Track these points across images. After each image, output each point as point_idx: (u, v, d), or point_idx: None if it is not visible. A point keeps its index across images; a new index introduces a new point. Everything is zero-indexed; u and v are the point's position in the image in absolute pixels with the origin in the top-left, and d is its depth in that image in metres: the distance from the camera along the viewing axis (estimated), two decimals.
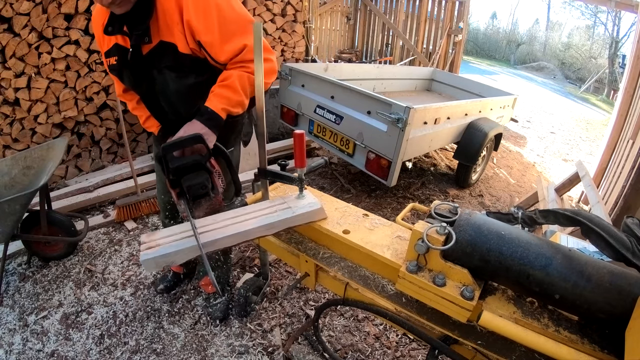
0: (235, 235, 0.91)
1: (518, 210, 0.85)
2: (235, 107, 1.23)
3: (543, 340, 0.65)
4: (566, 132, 7.13)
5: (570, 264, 0.66)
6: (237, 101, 1.22)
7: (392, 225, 1.01)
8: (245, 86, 1.23)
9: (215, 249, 0.89)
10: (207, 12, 1.15)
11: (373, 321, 1.91)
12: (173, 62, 1.21)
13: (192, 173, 1.05)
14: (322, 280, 1.18)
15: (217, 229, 0.91)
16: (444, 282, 0.73)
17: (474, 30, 22.46)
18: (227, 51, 1.20)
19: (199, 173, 1.06)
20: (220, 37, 1.18)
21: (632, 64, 3.38)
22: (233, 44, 1.19)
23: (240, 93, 1.22)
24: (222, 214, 0.98)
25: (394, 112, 2.43)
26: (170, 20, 1.16)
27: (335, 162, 3.85)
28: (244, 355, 1.68)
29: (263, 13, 3.91)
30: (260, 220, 0.95)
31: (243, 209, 1.02)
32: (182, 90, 1.29)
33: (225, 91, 1.20)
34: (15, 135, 2.65)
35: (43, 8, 2.48)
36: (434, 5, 6.52)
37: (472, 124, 3.30)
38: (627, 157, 2.79)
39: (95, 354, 1.64)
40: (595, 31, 19.34)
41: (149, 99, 1.37)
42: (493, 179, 4.09)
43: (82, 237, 2.20)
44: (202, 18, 1.15)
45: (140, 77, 1.28)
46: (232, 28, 1.19)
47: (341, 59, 7.28)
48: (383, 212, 3.05)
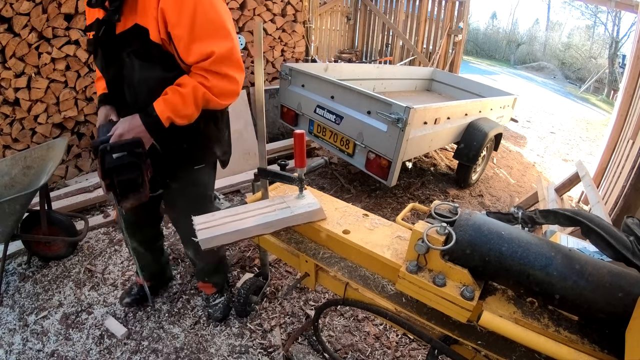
0: (234, 233, 0.92)
1: (518, 210, 0.85)
2: (181, 119, 1.19)
3: (543, 340, 0.65)
4: (566, 132, 7.13)
5: (570, 264, 0.66)
6: (185, 114, 1.18)
7: (392, 225, 1.01)
8: (198, 100, 1.17)
9: (214, 245, 0.90)
10: (183, 4, 1.08)
11: (373, 321, 1.91)
12: (142, 49, 1.14)
13: (125, 170, 1.10)
14: (322, 280, 1.18)
15: (215, 226, 0.92)
16: (444, 282, 0.73)
17: (474, 30, 22.45)
18: (195, 52, 1.13)
19: (131, 170, 1.11)
20: (190, 34, 1.10)
21: (632, 64, 3.38)
22: (202, 47, 1.12)
23: (191, 106, 1.17)
24: (221, 211, 0.98)
25: (394, 112, 2.43)
26: (148, 3, 1.10)
27: (335, 162, 3.85)
28: (244, 355, 1.68)
29: (263, 13, 3.91)
30: (258, 219, 0.96)
31: (243, 207, 1.03)
32: (148, 82, 1.20)
33: (177, 99, 1.15)
34: (15, 135, 2.65)
35: (43, 8, 2.48)
36: (434, 5, 6.52)
37: (472, 124, 3.30)
38: (627, 157, 2.79)
39: (95, 354, 1.64)
40: (595, 31, 19.34)
41: (114, 85, 1.28)
42: (493, 179, 4.09)
43: (82, 237, 2.20)
44: (177, 9, 1.08)
45: (110, 58, 1.22)
46: (205, 29, 1.12)
47: (341, 59, 7.28)
48: (383, 212, 3.05)
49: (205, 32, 1.12)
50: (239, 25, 3.82)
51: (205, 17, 1.11)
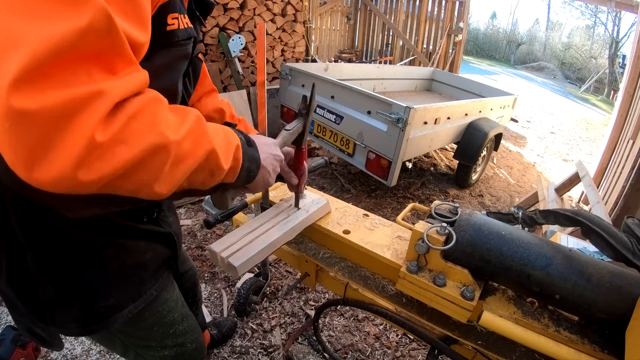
0: (265, 249, 0.87)
1: (518, 210, 0.85)
2: None
3: (543, 341, 0.65)
4: (566, 132, 7.13)
5: (570, 264, 0.66)
6: None
7: (392, 225, 1.01)
8: None
9: (250, 267, 0.84)
10: None
11: (373, 321, 1.91)
12: None
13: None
14: (322, 280, 1.18)
15: (242, 248, 0.85)
16: (444, 282, 0.73)
17: (474, 30, 22.46)
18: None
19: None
20: None
21: (632, 64, 3.38)
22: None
23: None
24: (235, 232, 0.91)
25: (394, 112, 2.43)
26: None
27: (335, 162, 3.85)
28: (244, 356, 1.68)
29: (263, 13, 3.91)
30: (281, 228, 0.92)
31: (254, 221, 0.96)
32: None
33: None
34: None
35: None
36: (434, 5, 6.53)
37: (472, 124, 3.30)
38: (627, 157, 2.79)
39: (95, 354, 1.64)
40: (595, 31, 19.35)
41: None
42: (493, 179, 4.09)
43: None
44: None
45: None
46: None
47: (341, 58, 7.29)
48: (383, 212, 3.05)
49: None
50: (239, 25, 3.82)
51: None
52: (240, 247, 0.84)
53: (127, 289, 0.75)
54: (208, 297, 1.99)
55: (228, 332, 1.73)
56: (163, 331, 0.90)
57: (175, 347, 0.94)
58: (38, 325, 0.71)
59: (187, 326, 0.96)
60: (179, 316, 0.93)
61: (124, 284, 0.74)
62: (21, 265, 0.64)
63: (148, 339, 0.89)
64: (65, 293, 0.68)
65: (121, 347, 0.88)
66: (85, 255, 0.67)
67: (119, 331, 0.83)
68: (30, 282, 0.66)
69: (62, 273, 0.66)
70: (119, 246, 0.71)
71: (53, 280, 0.66)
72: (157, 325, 0.87)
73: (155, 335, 0.89)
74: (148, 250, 0.78)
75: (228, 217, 1.09)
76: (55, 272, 0.66)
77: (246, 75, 4.12)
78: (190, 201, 2.80)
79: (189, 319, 0.99)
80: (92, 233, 0.66)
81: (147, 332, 0.87)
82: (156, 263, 0.81)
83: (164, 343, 0.92)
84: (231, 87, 4.06)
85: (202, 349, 1.07)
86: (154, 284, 0.81)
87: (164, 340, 0.91)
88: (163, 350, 0.92)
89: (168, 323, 0.90)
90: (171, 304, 0.89)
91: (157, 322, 0.87)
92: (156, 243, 0.80)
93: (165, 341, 0.92)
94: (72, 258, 0.66)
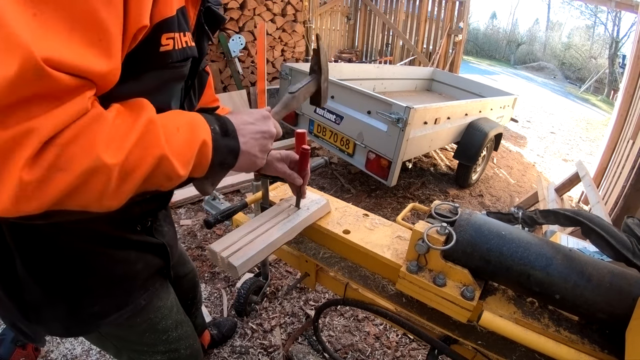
0: (265, 249, 0.87)
1: (518, 210, 0.85)
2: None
3: (543, 341, 0.65)
4: (566, 132, 7.13)
5: (570, 264, 0.66)
6: None
7: (392, 225, 1.01)
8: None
9: (250, 267, 0.84)
10: None
11: (373, 321, 1.91)
12: None
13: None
14: (322, 280, 1.18)
15: (242, 247, 0.85)
16: (444, 282, 0.73)
17: (474, 30, 22.47)
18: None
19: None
20: None
21: (632, 64, 3.38)
22: None
23: None
24: (235, 231, 0.91)
25: (394, 112, 2.43)
26: None
27: (335, 162, 3.85)
28: (244, 356, 1.68)
29: (263, 13, 3.91)
30: (281, 227, 0.92)
31: (254, 221, 0.96)
32: None
33: None
34: None
35: None
36: (434, 5, 6.53)
37: (472, 124, 3.30)
38: (627, 157, 2.79)
39: (95, 354, 1.64)
40: (595, 31, 19.35)
41: None
42: (493, 179, 4.09)
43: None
44: None
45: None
46: None
47: (341, 58, 7.29)
48: (383, 212, 3.05)
49: None
50: (239, 25, 3.82)
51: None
52: (240, 247, 0.84)
53: (114, 298, 0.75)
54: (208, 297, 1.99)
55: (228, 332, 1.73)
56: (156, 337, 0.89)
57: (168, 353, 0.94)
58: (22, 322, 0.72)
59: (181, 333, 0.96)
60: (173, 323, 0.92)
61: (111, 293, 0.74)
62: (9, 268, 0.65)
63: (140, 344, 0.89)
64: (51, 297, 0.68)
65: (114, 349, 0.88)
66: (73, 263, 0.67)
67: (111, 335, 0.83)
68: (17, 284, 0.67)
69: (49, 279, 0.67)
70: (108, 256, 0.70)
71: (40, 284, 0.67)
72: (149, 331, 0.87)
73: (148, 340, 0.88)
74: (139, 261, 0.77)
75: (228, 217, 1.09)
76: (42, 277, 0.66)
77: (246, 75, 4.12)
78: (190, 201, 2.80)
79: (184, 326, 0.98)
80: (81, 243, 0.66)
81: (139, 337, 0.87)
82: (147, 273, 0.80)
83: (157, 349, 0.91)
84: (231, 87, 4.06)
85: (197, 355, 1.06)
86: (142, 293, 0.80)
87: (156, 346, 0.91)
88: (155, 355, 0.92)
89: (161, 330, 0.89)
90: (164, 311, 0.88)
91: (149, 328, 0.86)
92: (148, 254, 0.79)
93: (158, 347, 0.91)
94: (59, 265, 0.67)
